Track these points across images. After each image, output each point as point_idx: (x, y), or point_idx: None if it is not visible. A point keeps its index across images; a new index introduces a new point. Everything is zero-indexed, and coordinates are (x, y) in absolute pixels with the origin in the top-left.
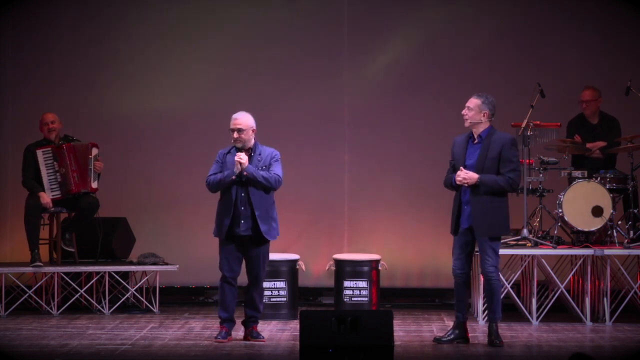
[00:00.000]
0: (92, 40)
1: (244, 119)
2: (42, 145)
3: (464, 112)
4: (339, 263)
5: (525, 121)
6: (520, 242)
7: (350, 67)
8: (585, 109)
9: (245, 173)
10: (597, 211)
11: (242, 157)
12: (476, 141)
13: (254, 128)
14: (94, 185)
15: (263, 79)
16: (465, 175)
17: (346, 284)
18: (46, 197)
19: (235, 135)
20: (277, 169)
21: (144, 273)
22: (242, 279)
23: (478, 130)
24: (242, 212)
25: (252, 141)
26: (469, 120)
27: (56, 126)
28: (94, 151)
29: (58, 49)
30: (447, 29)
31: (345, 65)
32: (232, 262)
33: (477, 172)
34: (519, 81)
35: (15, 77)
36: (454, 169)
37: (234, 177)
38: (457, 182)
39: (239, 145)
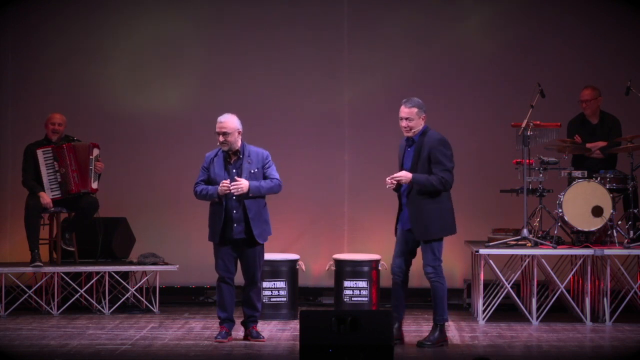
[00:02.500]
0: (93, 40)
1: (229, 122)
2: (43, 145)
3: (404, 124)
4: (339, 263)
5: (525, 121)
6: (520, 242)
7: (350, 67)
8: (585, 109)
9: (250, 195)
10: (597, 211)
11: (242, 185)
12: (411, 144)
13: (240, 130)
14: (94, 185)
15: (263, 80)
16: (400, 175)
17: (346, 284)
18: (46, 197)
19: (221, 138)
20: (274, 173)
21: (144, 273)
22: (240, 279)
23: (413, 135)
24: (235, 216)
25: (239, 142)
26: (412, 130)
27: (61, 129)
28: (95, 152)
29: (58, 49)
30: (447, 29)
31: (345, 65)
32: (228, 262)
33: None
34: (519, 81)
35: (15, 77)
36: None
37: (216, 200)
38: (390, 180)
39: (225, 148)
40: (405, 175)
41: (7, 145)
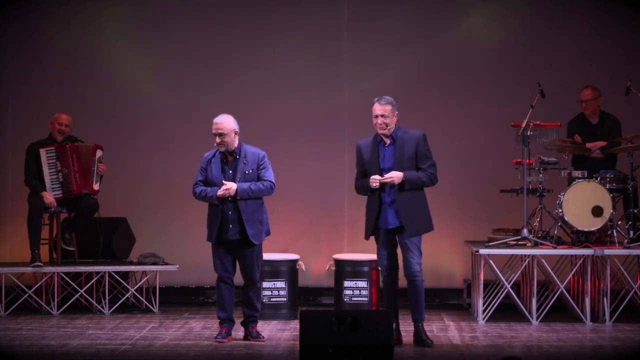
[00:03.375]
0: (92, 39)
1: (225, 123)
2: (46, 144)
3: (379, 121)
4: (339, 263)
5: (525, 121)
6: (520, 242)
7: (350, 66)
8: (585, 109)
9: (238, 198)
10: (597, 211)
11: (229, 189)
12: (388, 143)
13: (236, 130)
14: (96, 187)
15: (263, 79)
16: (392, 175)
17: (346, 284)
18: (50, 197)
19: (218, 140)
20: (268, 174)
21: (144, 273)
22: (240, 279)
23: (389, 133)
24: (230, 217)
25: (236, 143)
26: (388, 127)
27: (68, 130)
28: (98, 153)
29: (58, 49)
30: (447, 29)
31: (345, 64)
32: (225, 262)
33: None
34: (519, 81)
35: (15, 77)
36: (364, 175)
37: (216, 202)
38: (386, 182)
39: (222, 149)
40: (397, 175)
41: (7, 145)
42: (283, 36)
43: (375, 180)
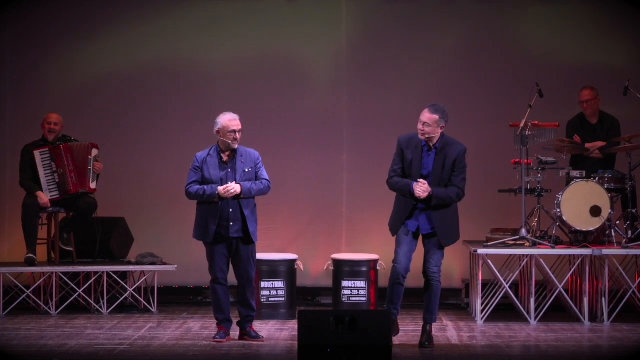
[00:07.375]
0: (91, 39)
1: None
2: (40, 145)
3: (419, 127)
4: (337, 263)
5: (524, 121)
6: (518, 242)
7: (349, 67)
8: (586, 109)
9: (242, 197)
10: (595, 211)
11: (234, 189)
12: (430, 149)
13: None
14: (93, 185)
15: (261, 79)
16: (424, 188)
17: (344, 283)
18: (44, 197)
19: (238, 136)
20: (265, 174)
21: (142, 273)
22: (233, 279)
23: (433, 141)
24: (231, 215)
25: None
26: (426, 135)
27: (58, 128)
28: (94, 152)
29: (57, 49)
30: (446, 28)
31: (344, 65)
32: (222, 263)
33: (434, 182)
34: (517, 81)
35: (14, 77)
36: (403, 172)
37: (216, 200)
38: (417, 195)
39: (235, 146)
40: (428, 189)
41: (5, 145)
42: (281, 35)
43: (422, 192)
